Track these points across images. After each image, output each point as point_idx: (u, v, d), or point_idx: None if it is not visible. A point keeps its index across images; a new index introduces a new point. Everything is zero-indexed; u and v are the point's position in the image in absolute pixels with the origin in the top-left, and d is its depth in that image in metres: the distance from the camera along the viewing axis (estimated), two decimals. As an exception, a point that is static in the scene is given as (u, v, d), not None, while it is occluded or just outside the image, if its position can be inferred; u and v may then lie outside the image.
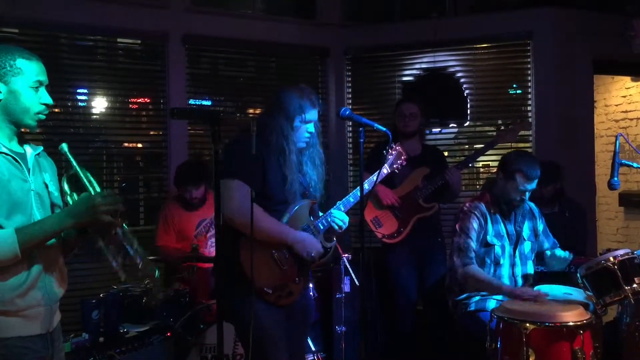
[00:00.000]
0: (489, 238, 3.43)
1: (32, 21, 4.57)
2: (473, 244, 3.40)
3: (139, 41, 5.18)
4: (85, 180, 2.10)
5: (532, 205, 3.65)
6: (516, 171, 3.35)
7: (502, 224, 3.47)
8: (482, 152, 4.30)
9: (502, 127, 4.22)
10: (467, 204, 3.53)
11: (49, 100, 2.06)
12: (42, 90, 2.05)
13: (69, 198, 2.13)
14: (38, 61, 2.06)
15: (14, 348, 1.96)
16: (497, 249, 3.43)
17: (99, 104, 4.99)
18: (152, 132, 5.16)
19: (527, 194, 3.41)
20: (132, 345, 3.33)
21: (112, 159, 5.13)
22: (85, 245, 2.16)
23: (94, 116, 5.01)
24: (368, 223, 4.20)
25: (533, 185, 3.38)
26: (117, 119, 5.03)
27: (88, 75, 4.91)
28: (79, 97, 4.94)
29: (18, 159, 2.01)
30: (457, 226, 3.48)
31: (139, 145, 5.27)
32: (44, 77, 2.06)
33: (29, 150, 2.10)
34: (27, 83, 2.00)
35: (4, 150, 1.99)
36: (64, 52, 4.93)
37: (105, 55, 5.07)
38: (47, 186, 2.11)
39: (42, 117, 2.06)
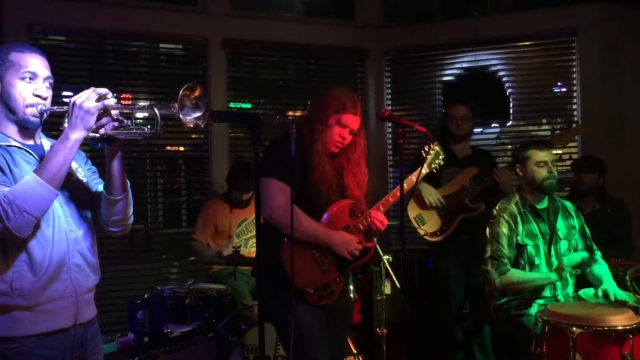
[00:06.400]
0: (519, 239, 3.35)
1: (77, 29, 4.70)
2: (505, 250, 3.34)
3: (180, 46, 5.28)
4: None
5: (568, 203, 3.56)
6: (526, 151, 3.44)
7: (534, 223, 3.39)
8: None
9: (557, 130, 4.13)
10: (496, 207, 3.48)
11: (43, 92, 2.02)
12: (39, 82, 2.02)
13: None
14: (34, 54, 2.03)
15: (29, 356, 1.95)
16: (530, 249, 3.34)
17: (142, 109, 5.11)
18: (193, 136, 5.24)
19: (554, 170, 3.36)
20: (176, 345, 3.37)
21: (155, 162, 5.23)
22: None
23: (139, 120, 5.11)
24: (411, 220, 4.16)
25: (550, 154, 3.40)
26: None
27: (132, 80, 5.04)
28: (124, 102, 5.05)
29: (31, 151, 2.03)
30: (487, 233, 3.43)
31: (181, 148, 5.37)
32: (38, 70, 2.02)
33: (46, 143, 2.13)
34: (17, 75, 1.99)
35: (14, 143, 2.01)
36: (109, 58, 5.06)
37: (147, 60, 5.19)
38: (72, 174, 2.09)
39: (40, 110, 2.01)
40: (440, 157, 3.10)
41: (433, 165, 3.10)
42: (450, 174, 4.16)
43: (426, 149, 3.05)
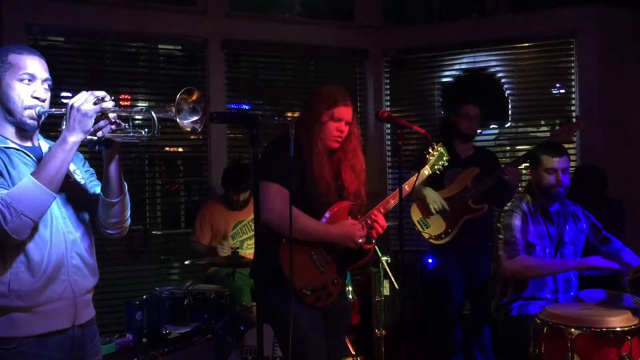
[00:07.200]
0: (530, 238, 3.34)
1: (77, 29, 4.70)
2: (520, 237, 3.29)
3: (179, 47, 5.28)
4: None
5: (577, 207, 3.55)
6: (540, 154, 3.36)
7: (543, 225, 3.38)
8: None
9: (557, 127, 4.13)
10: (508, 204, 3.47)
11: (42, 94, 2.02)
12: (37, 84, 2.02)
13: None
14: (33, 55, 2.03)
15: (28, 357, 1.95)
16: (538, 250, 3.34)
17: (141, 109, 5.11)
18: (192, 137, 5.24)
19: (565, 178, 3.32)
20: (175, 346, 3.37)
21: (153, 163, 5.23)
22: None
23: (137, 122, 5.11)
24: (414, 224, 4.16)
25: (562, 163, 3.32)
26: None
27: (130, 81, 5.04)
28: (122, 103, 5.04)
29: (29, 153, 2.03)
30: (499, 224, 3.40)
31: (180, 149, 5.36)
32: (37, 71, 2.02)
33: (44, 145, 2.13)
34: (15, 76, 1.99)
35: (11, 145, 2.01)
36: (108, 59, 5.06)
37: (146, 61, 5.19)
38: (70, 176, 2.10)
39: (38, 112, 2.01)
40: (444, 158, 3.05)
41: (436, 167, 3.04)
42: (452, 175, 4.15)
43: (430, 150, 3.04)
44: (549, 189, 3.34)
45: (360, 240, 2.77)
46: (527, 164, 3.60)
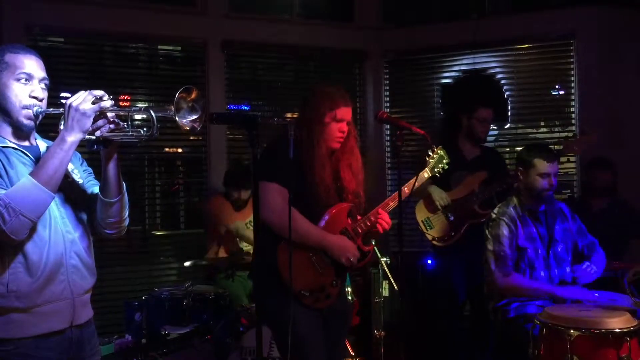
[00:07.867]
0: (520, 242, 3.35)
1: (76, 30, 4.70)
2: (509, 251, 3.33)
3: (179, 48, 5.28)
4: None
5: (563, 205, 3.58)
6: (533, 158, 3.36)
7: (532, 227, 3.39)
8: None
9: (570, 137, 4.14)
10: (495, 210, 3.47)
11: (39, 94, 2.01)
12: (34, 84, 2.01)
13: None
14: (29, 55, 2.03)
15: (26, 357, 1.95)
16: (530, 253, 3.35)
17: (141, 110, 5.11)
18: (192, 137, 5.23)
19: (555, 181, 3.34)
20: (174, 347, 3.37)
21: (153, 163, 5.22)
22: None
23: (136, 122, 5.11)
24: (419, 224, 4.15)
25: (555, 167, 3.36)
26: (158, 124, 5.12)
27: (130, 81, 5.03)
28: (122, 104, 5.04)
29: (27, 152, 2.03)
30: (487, 233, 3.42)
31: (179, 150, 5.36)
32: (34, 71, 2.01)
33: (42, 144, 2.13)
34: (12, 76, 1.98)
35: (10, 144, 2.00)
36: (108, 59, 5.06)
37: (146, 62, 5.19)
38: (68, 175, 2.09)
39: (35, 112, 2.01)
40: (444, 161, 3.04)
41: (436, 169, 3.04)
42: (459, 177, 4.12)
43: (430, 153, 3.04)
44: (540, 192, 3.36)
45: (352, 260, 2.76)
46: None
